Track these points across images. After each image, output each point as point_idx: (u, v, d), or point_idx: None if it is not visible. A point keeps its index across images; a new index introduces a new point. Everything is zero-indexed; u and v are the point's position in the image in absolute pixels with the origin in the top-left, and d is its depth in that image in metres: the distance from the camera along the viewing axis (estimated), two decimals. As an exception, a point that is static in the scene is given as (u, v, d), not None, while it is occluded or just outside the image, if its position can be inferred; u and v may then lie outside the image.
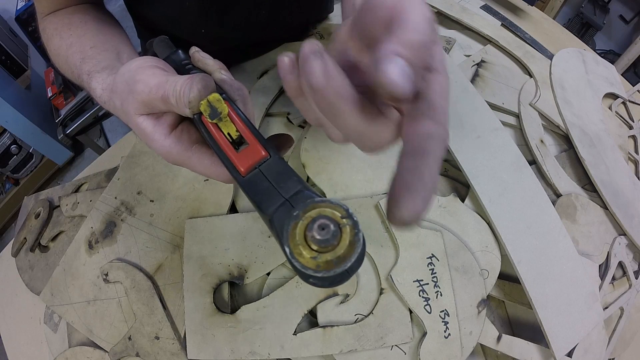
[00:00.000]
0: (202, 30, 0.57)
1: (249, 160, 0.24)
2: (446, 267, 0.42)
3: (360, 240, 0.18)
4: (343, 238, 0.18)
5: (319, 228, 0.17)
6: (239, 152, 0.24)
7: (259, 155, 0.24)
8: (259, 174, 0.23)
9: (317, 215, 0.18)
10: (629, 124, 0.61)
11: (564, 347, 0.40)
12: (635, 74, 1.69)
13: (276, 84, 0.57)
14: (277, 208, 0.21)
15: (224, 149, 0.24)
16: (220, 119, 0.24)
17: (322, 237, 0.17)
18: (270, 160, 0.24)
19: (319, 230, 0.17)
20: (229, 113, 0.25)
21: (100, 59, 0.37)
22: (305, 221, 0.18)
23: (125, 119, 0.30)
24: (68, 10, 0.44)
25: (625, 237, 0.49)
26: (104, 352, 0.43)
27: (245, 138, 0.24)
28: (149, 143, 0.28)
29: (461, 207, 0.46)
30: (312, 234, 0.17)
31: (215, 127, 0.25)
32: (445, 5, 0.67)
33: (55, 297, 0.47)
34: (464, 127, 0.51)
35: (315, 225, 0.17)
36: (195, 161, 0.27)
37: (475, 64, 0.60)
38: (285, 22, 0.61)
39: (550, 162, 0.51)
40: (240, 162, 0.24)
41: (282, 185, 0.22)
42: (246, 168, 0.23)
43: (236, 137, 0.24)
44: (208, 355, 0.40)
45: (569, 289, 0.42)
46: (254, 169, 0.23)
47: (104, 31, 0.42)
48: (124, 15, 0.63)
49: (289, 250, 0.18)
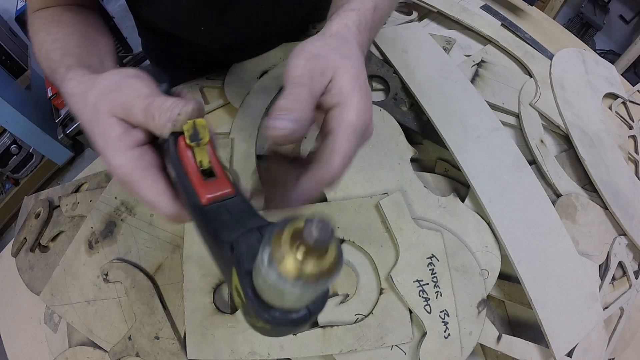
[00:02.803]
0: (201, 29, 0.57)
1: (213, 192, 0.23)
2: (446, 267, 0.42)
3: (341, 262, 0.17)
4: (330, 248, 0.16)
5: (317, 227, 0.15)
6: (205, 182, 0.23)
7: (225, 190, 0.23)
8: (221, 207, 0.23)
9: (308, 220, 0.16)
10: (629, 124, 0.61)
11: (564, 347, 0.40)
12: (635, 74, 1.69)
13: (276, 84, 0.57)
14: (240, 234, 0.20)
15: (190, 175, 0.24)
16: (198, 144, 0.24)
17: (320, 236, 0.15)
18: (235, 199, 0.23)
19: (317, 229, 0.15)
20: (208, 142, 0.24)
21: (83, 58, 0.36)
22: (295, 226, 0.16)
23: (90, 117, 0.28)
24: (59, 9, 0.43)
25: (625, 237, 0.49)
26: (104, 352, 0.43)
27: (215, 171, 0.24)
28: (106, 150, 0.26)
29: (461, 207, 0.46)
30: (307, 232, 0.16)
31: (189, 152, 0.24)
32: (445, 5, 0.67)
33: (55, 297, 0.47)
34: (464, 127, 0.51)
35: (313, 225, 0.16)
36: (147, 183, 0.26)
37: (475, 64, 0.60)
38: (286, 21, 0.61)
39: (550, 162, 0.51)
40: (204, 191, 0.23)
41: (246, 220, 0.21)
42: (209, 199, 0.23)
43: (207, 168, 0.24)
44: (208, 355, 0.39)
45: (569, 289, 0.42)
46: (217, 202, 0.23)
47: (92, 36, 0.42)
48: (125, 14, 0.63)
49: (267, 254, 0.16)
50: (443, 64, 0.58)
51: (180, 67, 0.67)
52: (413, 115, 0.54)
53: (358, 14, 0.33)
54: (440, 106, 0.52)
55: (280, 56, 0.62)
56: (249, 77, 0.59)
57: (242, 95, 0.56)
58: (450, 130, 0.50)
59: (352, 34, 0.32)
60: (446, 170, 0.51)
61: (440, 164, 0.52)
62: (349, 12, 0.33)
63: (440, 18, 0.68)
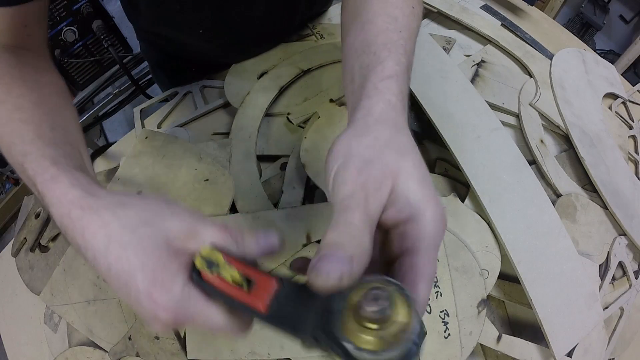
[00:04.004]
0: (199, 29, 0.57)
1: (264, 296, 0.22)
2: (446, 267, 0.42)
3: (413, 301, 0.17)
4: (396, 304, 0.17)
5: (372, 300, 0.16)
6: (250, 293, 0.22)
7: (271, 287, 0.22)
8: (280, 304, 0.22)
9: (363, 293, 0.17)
10: (629, 124, 0.61)
11: (564, 347, 0.40)
12: (635, 74, 1.69)
13: (276, 84, 0.57)
14: (314, 322, 0.20)
15: (235, 295, 0.22)
16: (219, 268, 0.23)
17: (378, 307, 0.16)
18: (285, 288, 0.22)
19: (373, 302, 0.16)
20: (225, 259, 0.23)
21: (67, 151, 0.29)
22: (352, 307, 0.17)
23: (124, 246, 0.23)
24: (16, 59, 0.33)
25: (625, 237, 0.49)
26: (104, 352, 0.43)
27: (250, 276, 0.23)
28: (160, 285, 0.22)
29: (461, 207, 0.46)
30: (365, 310, 0.16)
31: (218, 278, 0.23)
32: (445, 5, 0.67)
33: (55, 297, 0.46)
34: (464, 127, 0.51)
35: (366, 300, 0.16)
36: (214, 310, 0.23)
37: (475, 64, 0.60)
38: (282, 17, 0.61)
39: (550, 162, 0.51)
40: (257, 301, 0.22)
41: (308, 304, 0.21)
42: (265, 304, 0.22)
43: (241, 279, 0.23)
44: (208, 355, 0.39)
45: (569, 289, 0.42)
46: (273, 302, 0.22)
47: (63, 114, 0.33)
48: (124, 15, 0.63)
49: (352, 346, 0.16)
50: (443, 64, 0.58)
51: (180, 68, 0.67)
52: (413, 115, 0.54)
53: (397, 82, 0.28)
54: (440, 106, 0.52)
55: (280, 56, 0.62)
56: (249, 77, 0.59)
57: (242, 95, 0.56)
58: (450, 130, 0.50)
59: (399, 113, 0.26)
60: (446, 170, 0.51)
61: (440, 164, 0.52)
62: (387, 82, 0.27)
63: (440, 18, 0.68)
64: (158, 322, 0.23)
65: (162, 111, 0.59)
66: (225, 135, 0.54)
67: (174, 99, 0.60)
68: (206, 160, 0.49)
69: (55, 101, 0.33)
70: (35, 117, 0.29)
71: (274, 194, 0.49)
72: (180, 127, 0.56)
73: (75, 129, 0.33)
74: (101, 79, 1.13)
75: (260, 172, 0.51)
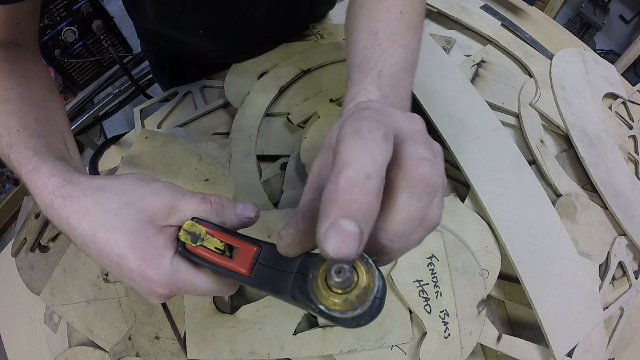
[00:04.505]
0: (200, 30, 0.57)
1: (246, 260, 0.25)
2: (446, 267, 0.42)
3: (372, 266, 0.20)
4: (359, 271, 0.20)
5: (336, 273, 0.19)
6: (234, 258, 0.25)
7: (252, 251, 0.25)
8: (260, 266, 0.25)
9: (328, 265, 0.20)
10: (629, 124, 0.61)
11: (564, 347, 0.40)
12: (635, 74, 1.69)
13: (276, 84, 0.57)
14: (292, 284, 0.23)
15: (221, 262, 0.25)
16: (202, 240, 0.25)
17: (342, 278, 0.19)
18: (263, 250, 0.25)
19: (337, 274, 0.19)
20: (207, 231, 0.26)
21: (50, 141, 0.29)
22: (322, 276, 0.20)
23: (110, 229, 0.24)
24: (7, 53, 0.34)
25: (625, 237, 0.49)
26: (104, 352, 0.43)
27: (232, 243, 0.25)
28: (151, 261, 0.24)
29: (461, 207, 0.46)
30: (333, 281, 0.19)
31: (202, 249, 0.25)
32: (445, 5, 0.67)
33: (55, 297, 0.47)
34: (464, 127, 0.51)
35: (332, 273, 0.19)
36: (203, 277, 0.26)
37: (475, 64, 0.60)
38: (284, 19, 0.61)
39: (550, 162, 0.51)
40: (240, 265, 0.25)
41: (284, 264, 0.24)
42: (247, 268, 0.25)
43: (224, 247, 0.25)
44: (208, 355, 0.39)
45: (569, 289, 0.42)
46: (254, 265, 0.25)
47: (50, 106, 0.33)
48: (125, 14, 0.63)
49: (324, 307, 0.20)
50: (443, 63, 0.58)
51: (181, 68, 0.67)
52: (413, 115, 0.54)
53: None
54: (440, 106, 0.52)
55: (280, 56, 0.62)
56: (249, 77, 0.59)
57: (242, 95, 0.56)
58: (450, 130, 0.50)
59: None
60: (446, 170, 0.51)
61: (440, 164, 0.52)
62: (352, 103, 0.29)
63: (440, 18, 0.68)
64: (155, 296, 0.25)
65: (162, 111, 0.59)
66: (225, 135, 0.54)
67: (174, 99, 0.60)
68: (206, 160, 0.49)
69: (42, 94, 0.34)
70: (22, 109, 0.30)
71: (274, 194, 0.49)
72: (180, 127, 0.56)
73: (61, 119, 0.34)
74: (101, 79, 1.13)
75: (260, 172, 0.51)
